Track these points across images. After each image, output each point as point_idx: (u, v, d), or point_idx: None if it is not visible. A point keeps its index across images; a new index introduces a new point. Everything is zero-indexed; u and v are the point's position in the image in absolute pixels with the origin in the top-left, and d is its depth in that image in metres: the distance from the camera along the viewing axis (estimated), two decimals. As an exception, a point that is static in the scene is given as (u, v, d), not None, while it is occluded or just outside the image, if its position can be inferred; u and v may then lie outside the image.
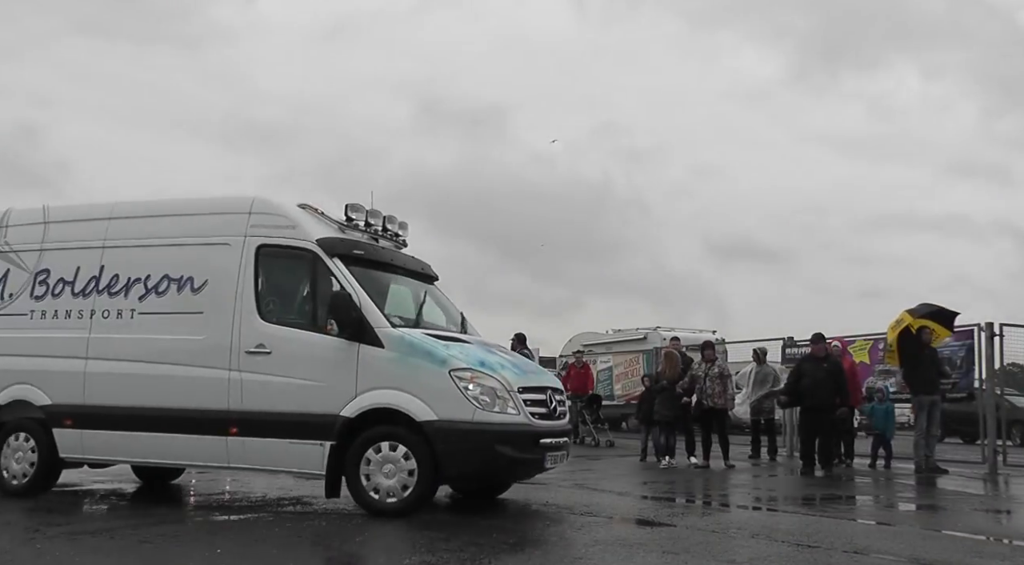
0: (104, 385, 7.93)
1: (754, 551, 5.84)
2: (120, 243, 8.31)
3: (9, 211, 9.00)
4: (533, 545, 6.14)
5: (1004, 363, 13.75)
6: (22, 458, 8.22)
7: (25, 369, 8.30)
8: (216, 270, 7.81)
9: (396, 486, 6.93)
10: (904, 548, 6.04)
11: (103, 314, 8.15)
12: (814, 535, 6.42)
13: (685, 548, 5.94)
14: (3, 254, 8.80)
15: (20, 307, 8.54)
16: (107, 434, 7.89)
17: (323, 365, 7.25)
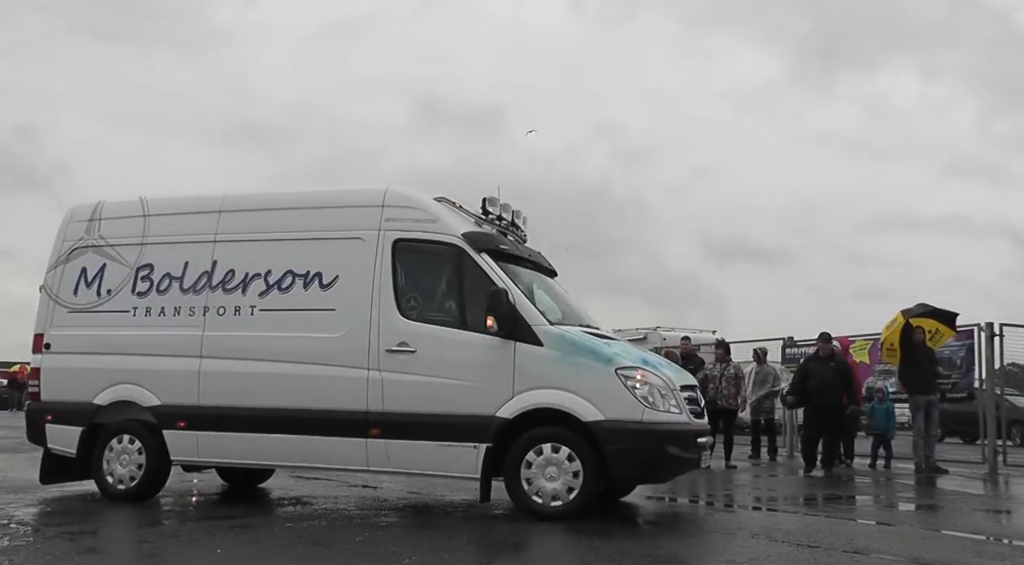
0: (222, 385, 7.62)
1: (754, 551, 5.84)
2: (234, 237, 7.97)
3: (101, 204, 8.57)
4: (533, 545, 6.13)
5: (1004, 363, 13.76)
6: (128, 461, 7.87)
7: (129, 368, 7.94)
8: (348, 265, 7.48)
9: (560, 489, 6.73)
10: (904, 548, 6.04)
11: (218, 311, 7.79)
12: (814, 535, 6.42)
13: (684, 548, 5.94)
14: (98, 248, 8.40)
15: (120, 304, 8.15)
16: (227, 436, 7.58)
17: (475, 364, 7.01)
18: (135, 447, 7.87)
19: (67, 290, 8.36)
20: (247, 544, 5.90)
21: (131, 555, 5.71)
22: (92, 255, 8.38)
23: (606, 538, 6.44)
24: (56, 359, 8.26)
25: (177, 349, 7.80)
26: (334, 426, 7.23)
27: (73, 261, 8.42)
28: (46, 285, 8.50)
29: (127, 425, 7.93)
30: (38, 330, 8.45)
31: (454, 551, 5.64)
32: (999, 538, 7.20)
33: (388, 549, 5.65)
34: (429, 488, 9.08)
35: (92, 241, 8.43)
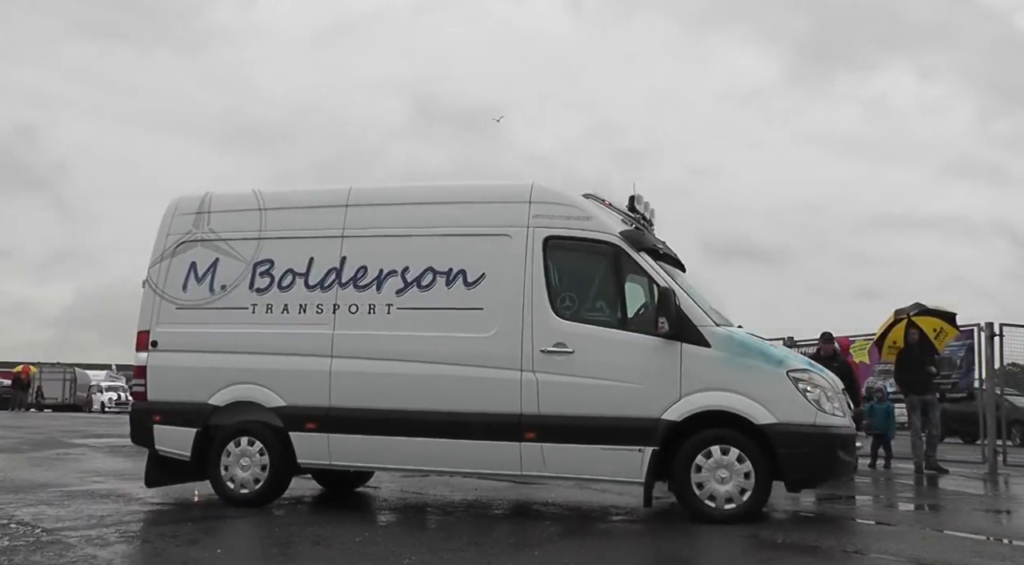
0: (357, 386, 7.32)
1: (754, 551, 5.84)
2: (365, 232, 7.65)
3: (209, 196, 8.20)
4: (533, 545, 6.13)
5: (1004, 363, 13.75)
6: (249, 464, 7.54)
7: (249, 368, 7.61)
8: (495, 263, 7.24)
9: (733, 491, 6.63)
10: (904, 548, 6.03)
11: (350, 309, 7.47)
12: (813, 535, 6.41)
13: (684, 548, 5.94)
14: (208, 242, 8.01)
15: (236, 300, 7.79)
16: (363, 439, 7.28)
17: (639, 366, 6.85)
18: (256, 449, 7.55)
19: (174, 286, 7.99)
20: (245, 545, 5.90)
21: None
22: (202, 249, 8.01)
23: (606, 538, 6.46)
24: (164, 357, 7.89)
25: (304, 348, 7.50)
26: (485, 429, 7.00)
27: (180, 255, 8.05)
28: (150, 280, 8.12)
29: (248, 427, 7.61)
30: (143, 327, 8.04)
31: (454, 551, 5.64)
32: (999, 538, 7.19)
33: (388, 549, 5.64)
34: (429, 488, 9.08)
35: (201, 235, 8.05)
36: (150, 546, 5.86)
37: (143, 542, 6.00)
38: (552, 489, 9.27)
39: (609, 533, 6.90)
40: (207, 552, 5.61)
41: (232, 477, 7.59)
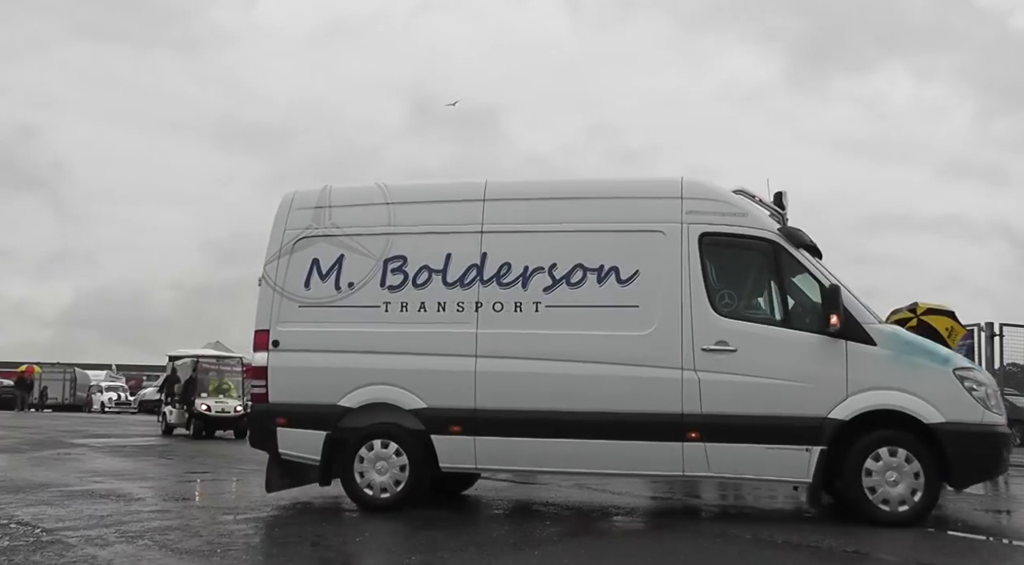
0: (505, 386, 7.08)
1: (754, 551, 5.83)
2: (506, 228, 7.41)
3: (329, 189, 7.90)
4: (533, 545, 6.13)
5: (1004, 363, 13.75)
6: (386, 468, 7.26)
7: (385, 368, 7.31)
8: (649, 260, 7.09)
9: (905, 493, 6.56)
10: (904, 548, 6.03)
11: (494, 307, 7.23)
12: (814, 535, 6.41)
13: (684, 548, 5.94)
14: (332, 238, 7.70)
15: (367, 298, 7.49)
16: (513, 441, 7.06)
17: (804, 364, 6.76)
18: (393, 452, 7.28)
19: (295, 283, 7.69)
20: (243, 546, 5.89)
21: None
22: (325, 245, 7.71)
23: (606, 538, 6.45)
24: (287, 357, 7.56)
25: (445, 348, 7.24)
26: (645, 430, 6.84)
27: (300, 251, 7.73)
28: (267, 277, 7.80)
29: (384, 429, 7.34)
30: (261, 326, 7.71)
31: (453, 551, 5.64)
32: (999, 538, 7.19)
33: (388, 548, 5.64)
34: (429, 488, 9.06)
35: (324, 230, 7.74)
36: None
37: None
38: (551, 489, 9.26)
39: (609, 533, 6.90)
40: (208, 545, 5.61)
41: (368, 482, 7.31)
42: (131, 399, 39.35)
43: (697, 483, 10.24)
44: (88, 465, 11.67)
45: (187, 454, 13.87)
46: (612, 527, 7.12)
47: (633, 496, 8.85)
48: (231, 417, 18.42)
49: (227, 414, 18.40)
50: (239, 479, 10.23)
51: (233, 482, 9.93)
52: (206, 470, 11.29)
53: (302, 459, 7.56)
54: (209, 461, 12.60)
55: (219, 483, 9.88)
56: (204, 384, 19.06)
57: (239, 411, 18.53)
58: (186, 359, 20.40)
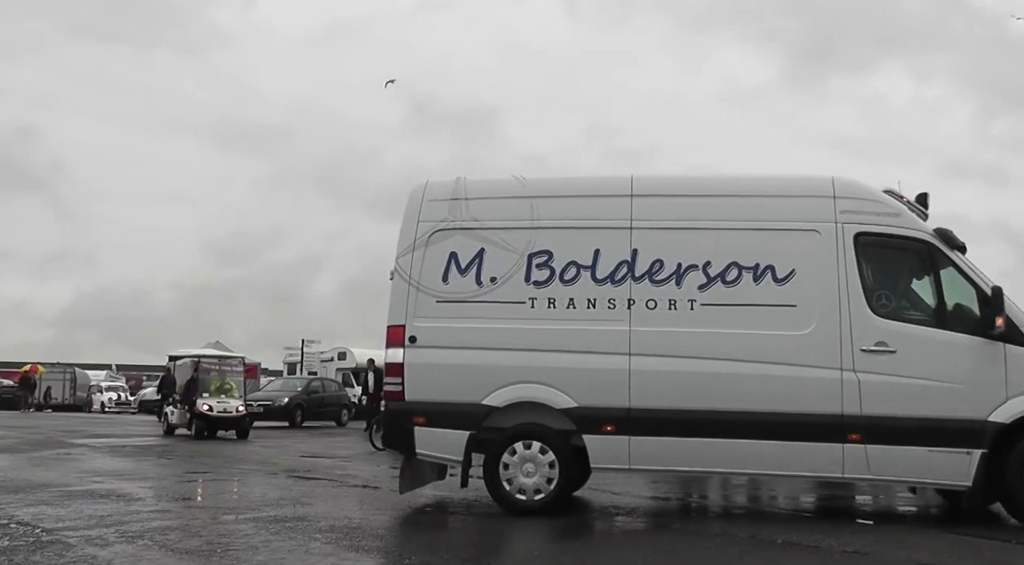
0: (660, 385, 6.98)
1: (754, 551, 5.83)
2: (656, 224, 7.30)
3: (463, 181, 7.70)
4: (533, 545, 6.13)
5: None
6: (534, 470, 7.09)
7: (532, 366, 7.14)
8: (805, 259, 7.05)
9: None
10: (905, 548, 6.03)
11: (647, 304, 7.13)
12: (814, 535, 6.41)
13: (684, 548, 5.94)
14: (470, 231, 7.52)
15: (511, 294, 7.32)
16: (669, 441, 6.95)
17: (963, 366, 6.75)
18: (541, 453, 7.12)
19: (432, 277, 7.50)
20: (243, 546, 5.89)
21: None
22: (463, 238, 7.52)
23: (605, 538, 6.45)
24: (425, 354, 7.35)
25: (597, 345, 7.10)
26: (804, 430, 6.78)
27: (436, 245, 7.54)
28: (400, 270, 7.60)
29: (531, 429, 7.17)
30: (395, 321, 7.49)
31: (454, 550, 5.64)
32: (999, 538, 7.19)
33: (388, 548, 5.64)
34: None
35: (461, 223, 7.55)
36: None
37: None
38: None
39: (608, 533, 6.90)
40: (216, 537, 5.61)
41: (516, 484, 7.14)
42: (131, 399, 39.35)
43: (698, 483, 10.23)
44: (88, 465, 11.67)
45: (187, 454, 13.87)
46: (613, 527, 7.11)
47: (633, 496, 8.84)
48: (233, 417, 18.39)
49: (229, 414, 18.36)
50: (239, 479, 10.23)
51: (233, 482, 9.93)
52: (206, 470, 11.29)
53: (442, 459, 7.44)
54: (209, 461, 12.60)
55: (219, 483, 9.88)
56: (206, 384, 19.02)
57: (241, 411, 18.52)
58: (186, 359, 20.38)
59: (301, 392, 24.76)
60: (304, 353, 35.97)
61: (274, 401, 23.54)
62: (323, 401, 25.34)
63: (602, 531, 6.94)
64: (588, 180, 7.90)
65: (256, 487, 9.40)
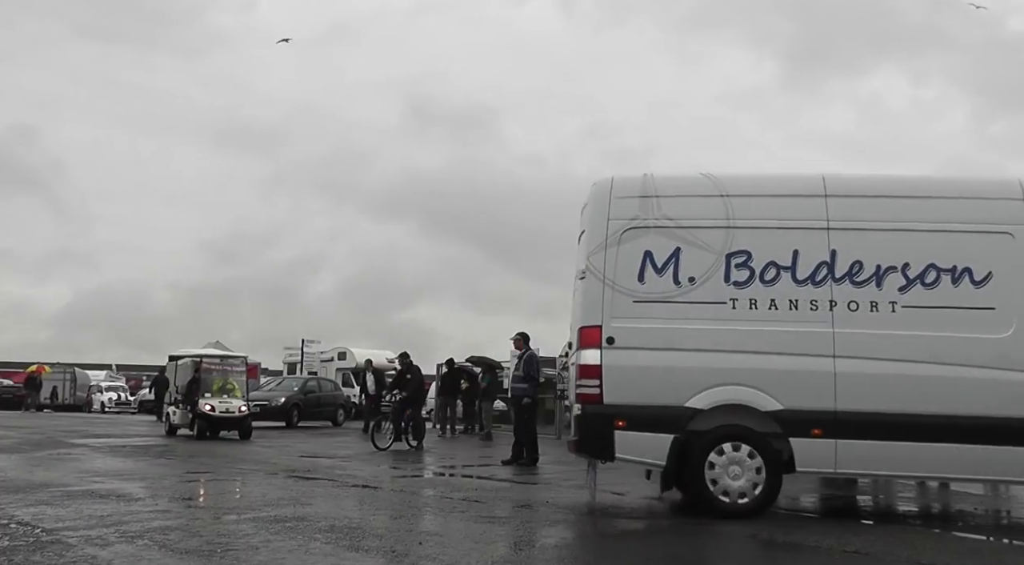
0: (865, 388, 6.94)
1: (753, 551, 5.84)
2: (851, 225, 7.26)
3: (651, 178, 7.57)
4: (531, 545, 6.13)
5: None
6: (740, 472, 7.02)
7: (737, 368, 7.08)
8: (1000, 261, 7.02)
9: None
10: (905, 548, 6.03)
11: (849, 306, 7.08)
12: (814, 536, 6.41)
13: (684, 548, 5.94)
14: (664, 229, 7.40)
15: (710, 294, 7.24)
16: (874, 445, 6.91)
17: None
18: (747, 456, 7.04)
19: (627, 276, 7.35)
20: (244, 546, 5.89)
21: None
22: (657, 237, 7.40)
23: (606, 538, 6.45)
24: (624, 355, 7.20)
25: (799, 347, 7.05)
26: (1009, 435, 6.76)
27: (630, 243, 7.40)
28: (593, 269, 7.43)
29: (736, 431, 7.06)
30: (591, 322, 7.34)
31: (454, 551, 5.64)
32: (999, 538, 7.19)
33: (388, 548, 5.64)
34: (427, 487, 9.09)
35: (653, 221, 7.43)
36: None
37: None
38: (552, 489, 9.26)
39: (609, 533, 6.90)
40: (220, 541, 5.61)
41: (722, 487, 7.05)
42: (131, 399, 39.33)
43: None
44: (88, 465, 11.66)
45: (187, 454, 13.87)
46: (612, 527, 7.11)
47: (634, 496, 8.84)
48: (235, 417, 18.30)
49: (231, 414, 18.27)
50: (239, 479, 10.23)
51: (233, 482, 9.93)
52: (206, 470, 11.29)
53: (645, 463, 7.36)
54: (209, 461, 12.60)
55: (219, 483, 9.88)
56: (208, 384, 18.93)
57: (243, 411, 18.44)
58: (186, 359, 20.35)
59: (297, 392, 24.73)
60: (304, 353, 35.95)
61: (271, 401, 23.52)
62: (319, 401, 25.31)
63: (602, 531, 6.94)
64: (780, 178, 7.82)
65: (256, 487, 9.39)
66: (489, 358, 22.25)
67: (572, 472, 10.43)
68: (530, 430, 12.65)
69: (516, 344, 13.09)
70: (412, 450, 15.11)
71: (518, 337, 13.02)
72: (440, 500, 8.43)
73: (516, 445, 12.60)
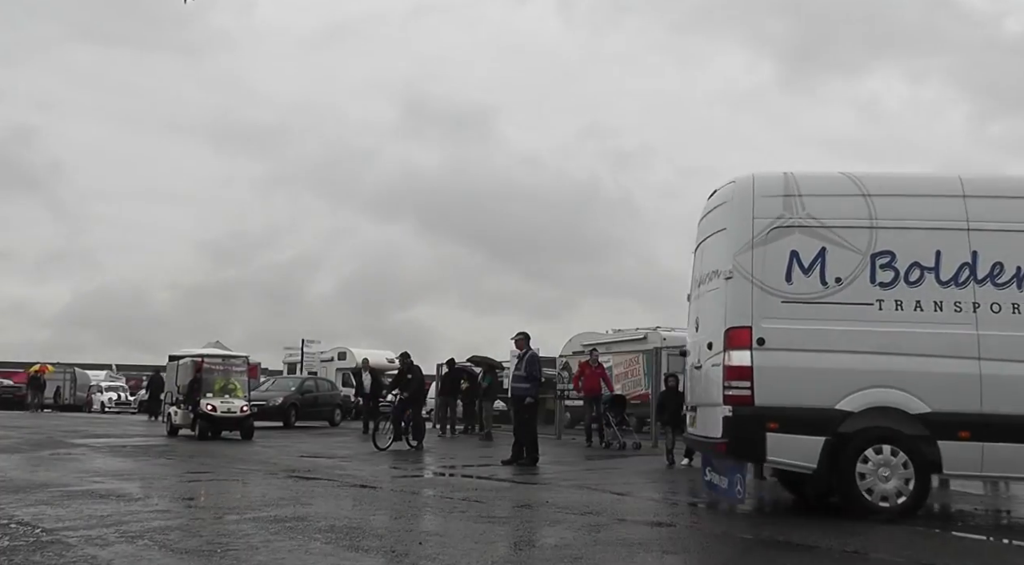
0: (1012, 391, 6.96)
1: (753, 552, 5.84)
2: (992, 226, 7.26)
3: (792, 177, 7.58)
4: (531, 545, 6.13)
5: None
6: (890, 475, 7.02)
7: (885, 370, 7.06)
8: None
9: None
10: (905, 548, 6.03)
11: (992, 308, 7.09)
12: (813, 535, 6.41)
13: (684, 548, 5.94)
14: (809, 229, 7.39)
15: (857, 295, 7.20)
16: (1020, 448, 6.93)
17: None
18: (896, 458, 7.04)
19: (775, 276, 7.33)
20: (244, 546, 5.90)
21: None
22: (802, 236, 7.38)
23: (605, 538, 6.44)
24: (775, 357, 7.17)
25: (945, 349, 7.06)
26: None
27: (776, 242, 7.38)
28: (741, 269, 7.38)
29: (885, 434, 7.06)
30: (740, 322, 7.29)
31: (454, 551, 5.64)
32: (999, 538, 7.19)
33: (388, 548, 5.64)
34: (427, 487, 9.10)
35: (798, 220, 7.41)
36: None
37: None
38: (552, 489, 9.26)
39: (609, 533, 6.90)
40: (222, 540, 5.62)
41: (872, 489, 7.06)
42: (131, 399, 39.33)
43: (698, 483, 10.22)
44: (88, 465, 11.66)
45: (187, 454, 13.87)
46: (613, 526, 7.11)
47: (633, 496, 8.85)
48: (237, 417, 18.25)
49: (233, 414, 18.22)
50: (239, 479, 10.23)
51: (233, 482, 9.93)
52: (206, 470, 11.29)
53: (794, 466, 7.32)
54: (209, 461, 12.60)
55: (219, 483, 9.88)
56: (209, 384, 18.88)
57: (245, 411, 18.40)
58: (186, 359, 20.33)
59: (295, 392, 24.72)
60: (304, 353, 35.96)
61: (268, 401, 23.50)
62: (317, 401, 25.30)
63: (601, 531, 6.94)
64: (919, 178, 7.84)
65: (256, 487, 9.39)
66: (490, 358, 22.25)
67: (572, 472, 10.46)
68: (531, 430, 12.66)
69: (518, 344, 13.10)
70: (412, 450, 15.12)
71: (520, 337, 13.03)
72: (440, 500, 8.43)
73: (516, 445, 12.61)
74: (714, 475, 8.13)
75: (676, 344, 20.10)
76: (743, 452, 7.36)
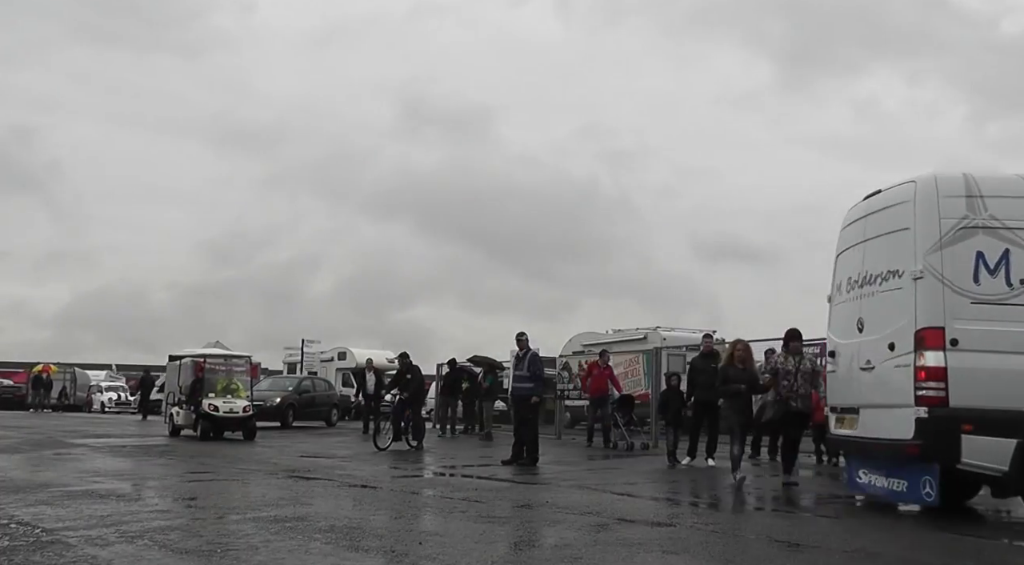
0: None
1: (754, 551, 5.83)
2: None
3: (972, 178, 7.60)
4: (531, 545, 6.13)
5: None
6: None
7: None
8: None
9: None
10: (904, 548, 6.03)
11: None
12: (814, 535, 6.41)
13: (685, 548, 5.93)
14: (992, 230, 7.39)
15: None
16: None
17: None
18: None
19: (963, 276, 7.35)
20: (244, 546, 5.90)
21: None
22: (986, 237, 7.39)
23: (605, 538, 6.44)
24: (968, 358, 7.15)
25: None
26: None
27: (961, 243, 7.40)
28: (931, 269, 7.38)
29: None
30: (931, 323, 7.29)
31: (454, 551, 5.63)
32: (999, 538, 7.19)
33: (388, 548, 5.64)
34: (427, 487, 9.11)
35: (982, 221, 7.42)
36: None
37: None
38: (552, 490, 9.26)
39: (609, 533, 6.90)
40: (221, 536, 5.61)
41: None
42: (131, 399, 39.30)
43: (700, 484, 10.23)
44: (88, 465, 11.66)
45: (187, 454, 13.87)
46: (612, 527, 7.11)
47: (633, 496, 8.85)
48: (239, 417, 18.20)
49: (235, 414, 18.15)
50: (239, 479, 10.23)
51: (233, 482, 9.93)
52: (206, 470, 11.29)
53: (984, 469, 7.22)
54: (209, 461, 12.60)
55: (219, 483, 9.88)
56: (211, 384, 18.84)
57: (248, 411, 18.35)
58: (187, 359, 20.32)
59: (292, 392, 24.70)
60: (304, 353, 35.95)
61: (266, 401, 23.46)
62: (314, 401, 25.29)
63: (601, 531, 6.94)
64: None
65: (256, 487, 9.39)
66: (491, 358, 22.25)
67: (572, 472, 10.46)
68: (532, 429, 12.66)
69: (520, 343, 13.12)
70: (412, 450, 15.12)
71: (522, 336, 13.08)
72: (440, 500, 8.43)
73: (516, 445, 12.61)
74: (875, 478, 8.07)
75: (676, 344, 20.12)
76: (937, 454, 7.26)
